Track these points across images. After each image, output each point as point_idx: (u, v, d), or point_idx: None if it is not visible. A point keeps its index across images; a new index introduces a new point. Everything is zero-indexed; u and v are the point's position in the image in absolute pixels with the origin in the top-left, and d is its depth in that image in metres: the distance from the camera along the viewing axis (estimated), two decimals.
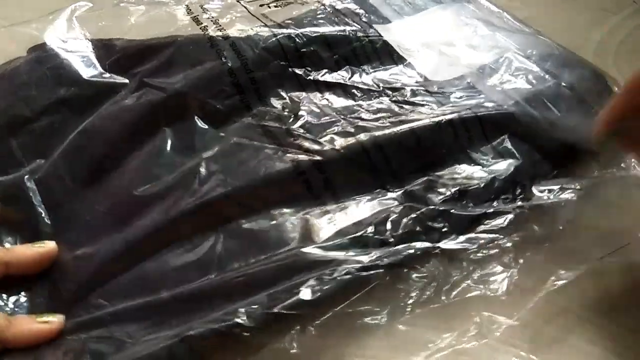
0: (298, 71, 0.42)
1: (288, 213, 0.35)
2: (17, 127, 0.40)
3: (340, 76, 0.43)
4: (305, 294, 0.30)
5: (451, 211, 0.36)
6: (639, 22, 0.55)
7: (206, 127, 0.39)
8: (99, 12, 0.46)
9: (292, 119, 0.39)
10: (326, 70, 0.43)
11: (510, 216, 0.36)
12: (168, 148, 0.38)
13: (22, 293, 0.34)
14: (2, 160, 0.39)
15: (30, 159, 0.39)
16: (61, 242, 0.35)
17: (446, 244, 0.34)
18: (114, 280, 0.33)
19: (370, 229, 0.34)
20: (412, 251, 0.33)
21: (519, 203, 0.37)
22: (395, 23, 0.49)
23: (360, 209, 0.36)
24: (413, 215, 0.35)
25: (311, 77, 0.42)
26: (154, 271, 0.33)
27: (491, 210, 0.36)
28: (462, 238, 0.35)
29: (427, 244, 0.34)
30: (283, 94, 0.41)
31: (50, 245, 0.34)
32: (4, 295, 0.33)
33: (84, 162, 0.38)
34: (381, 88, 0.42)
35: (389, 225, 0.35)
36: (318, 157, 0.36)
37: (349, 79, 0.43)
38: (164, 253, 0.34)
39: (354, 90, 0.42)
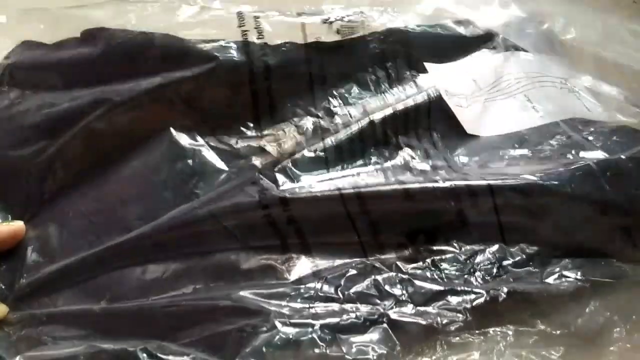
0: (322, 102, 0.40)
1: (242, 248, 0.34)
2: (40, 109, 0.38)
3: (359, 111, 0.40)
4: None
5: (414, 280, 0.32)
6: (639, 22, 0.52)
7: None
8: (153, 5, 0.45)
9: (286, 151, 0.38)
10: (350, 99, 0.41)
11: (481, 300, 0.32)
12: (166, 163, 0.37)
13: None
14: (15, 137, 0.38)
15: (39, 139, 0.37)
16: (41, 230, 0.35)
17: (396, 314, 0.31)
18: (69, 284, 0.33)
19: (319, 284, 0.32)
20: (355, 316, 0.31)
21: (502, 287, 0.33)
22: (452, 64, 0.45)
23: (320, 258, 0.34)
24: (373, 277, 0.33)
25: (330, 107, 0.40)
26: (104, 283, 0.33)
27: (460, 288, 0.32)
28: (417, 310, 0.32)
29: (373, 310, 0.31)
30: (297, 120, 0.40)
31: (17, 225, 0.35)
32: None
33: (84, 156, 0.37)
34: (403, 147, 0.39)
35: (342, 281, 0.32)
36: (286, 195, 0.34)
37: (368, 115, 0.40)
38: (122, 267, 0.34)
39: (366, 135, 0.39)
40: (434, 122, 0.40)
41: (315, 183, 0.35)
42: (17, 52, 0.39)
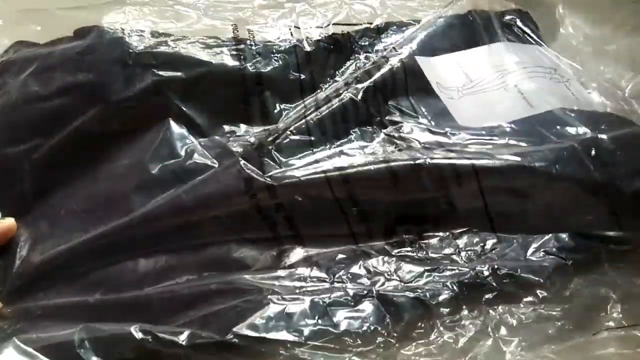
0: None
1: (234, 241, 0.34)
2: (30, 103, 0.39)
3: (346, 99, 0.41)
4: None
5: (402, 262, 0.34)
6: (639, 22, 0.52)
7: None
8: (150, 10, 0.45)
9: (272, 136, 0.38)
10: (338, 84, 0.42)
11: (466, 276, 0.33)
12: (158, 162, 0.38)
13: None
14: (7, 134, 0.38)
15: (32, 137, 0.38)
16: (32, 228, 0.36)
17: (384, 289, 0.32)
18: (61, 276, 0.34)
19: (310, 268, 0.33)
20: (345, 292, 0.32)
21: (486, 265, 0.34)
22: (443, 56, 0.45)
23: (312, 243, 0.35)
24: (362, 260, 0.34)
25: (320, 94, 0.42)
26: (97, 279, 0.34)
27: (446, 267, 0.34)
28: (405, 286, 0.32)
29: (363, 287, 0.32)
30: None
31: (8, 222, 0.35)
32: None
33: (77, 154, 0.38)
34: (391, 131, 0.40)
35: (332, 264, 0.33)
36: (271, 181, 0.35)
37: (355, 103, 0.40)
38: (114, 263, 0.34)
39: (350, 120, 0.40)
40: (413, 93, 0.42)
41: (301, 166, 0.36)
42: (11, 51, 0.40)
